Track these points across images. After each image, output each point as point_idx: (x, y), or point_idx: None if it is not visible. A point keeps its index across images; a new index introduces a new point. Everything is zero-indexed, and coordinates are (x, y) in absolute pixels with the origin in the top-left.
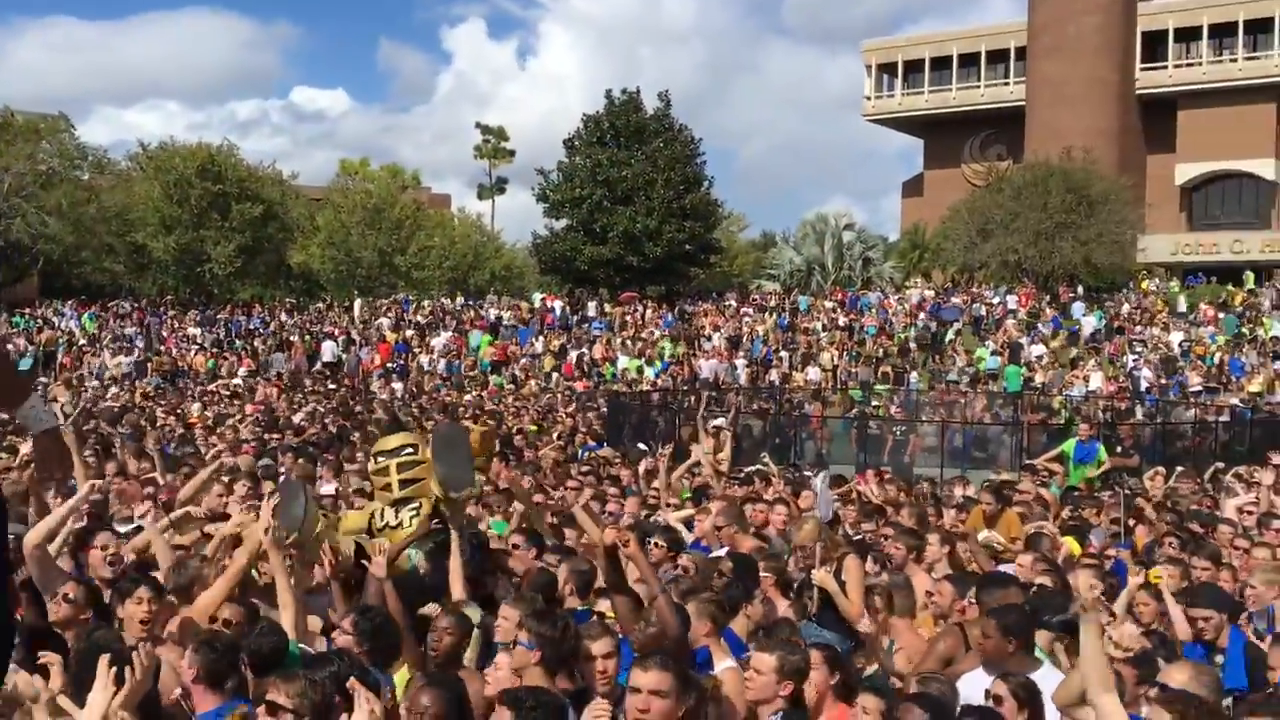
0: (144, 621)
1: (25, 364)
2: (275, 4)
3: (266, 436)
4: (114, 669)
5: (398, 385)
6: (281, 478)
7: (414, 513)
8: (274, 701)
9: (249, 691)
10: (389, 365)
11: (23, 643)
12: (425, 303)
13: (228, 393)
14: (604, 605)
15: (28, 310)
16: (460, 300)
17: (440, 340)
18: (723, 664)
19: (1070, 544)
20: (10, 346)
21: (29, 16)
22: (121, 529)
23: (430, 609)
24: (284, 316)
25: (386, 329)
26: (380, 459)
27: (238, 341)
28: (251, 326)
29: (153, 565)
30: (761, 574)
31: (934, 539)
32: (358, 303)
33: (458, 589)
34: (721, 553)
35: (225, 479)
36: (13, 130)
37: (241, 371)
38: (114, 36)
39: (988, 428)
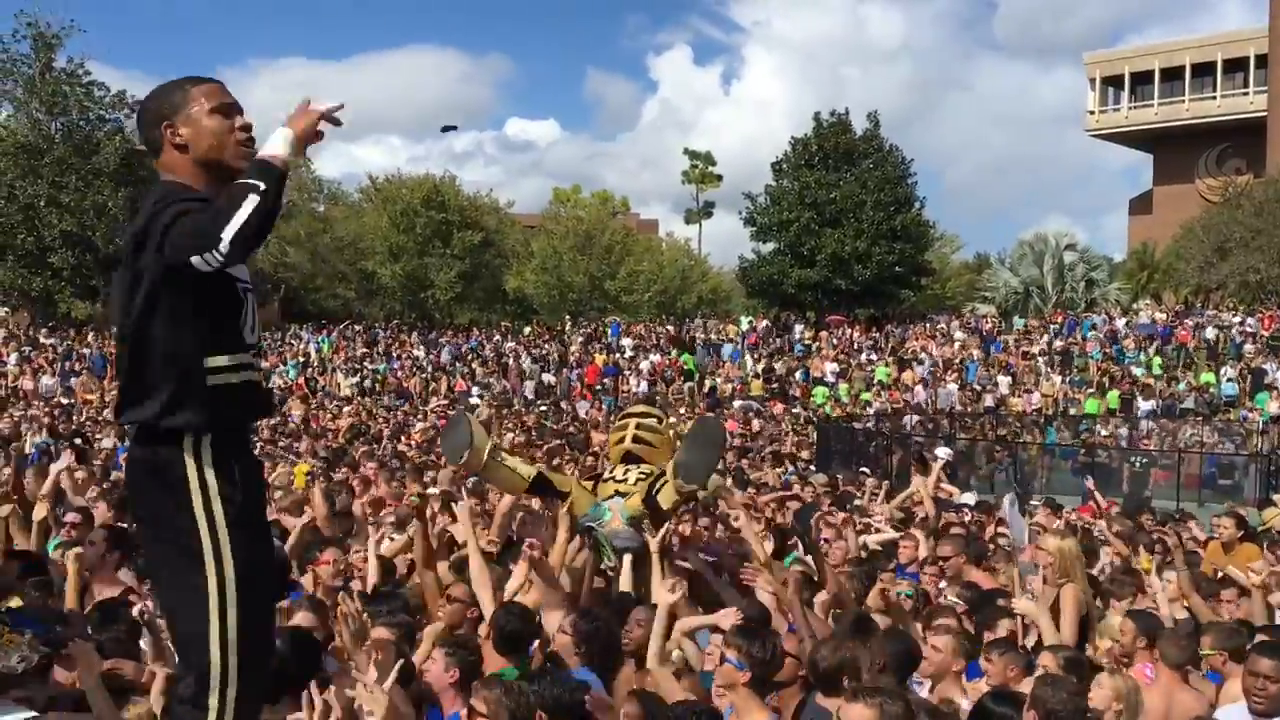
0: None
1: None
2: (489, 38)
3: None
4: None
5: (607, 401)
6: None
7: (641, 476)
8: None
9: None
10: (596, 386)
11: None
12: (636, 326)
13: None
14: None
15: (267, 334)
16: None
17: (648, 363)
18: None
19: None
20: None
21: (263, 59)
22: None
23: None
24: (499, 338)
25: (595, 351)
26: (623, 417)
27: (457, 364)
28: (469, 348)
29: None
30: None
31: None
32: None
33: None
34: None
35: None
36: None
37: (475, 390)
38: (339, 75)
39: (1231, 458)
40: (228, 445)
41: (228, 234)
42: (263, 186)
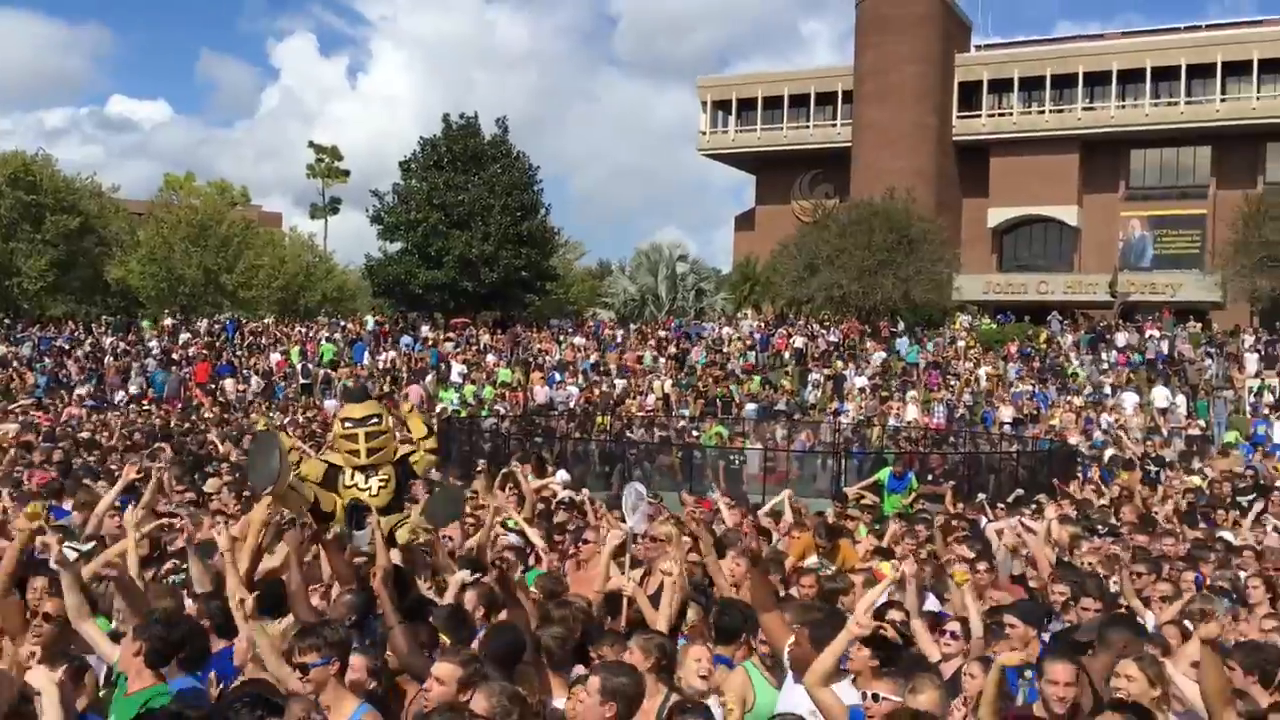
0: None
1: None
2: (84, 5)
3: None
4: None
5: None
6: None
7: (383, 483)
8: None
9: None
10: (209, 386)
11: None
12: (258, 322)
13: (39, 412)
14: None
15: None
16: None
17: (269, 361)
18: None
19: (885, 568)
20: None
21: None
22: None
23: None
24: (98, 334)
25: (206, 349)
26: (348, 425)
27: (46, 360)
28: (62, 345)
29: None
30: None
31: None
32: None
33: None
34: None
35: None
36: None
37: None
38: None
39: (815, 455)
40: None
41: None
42: None
